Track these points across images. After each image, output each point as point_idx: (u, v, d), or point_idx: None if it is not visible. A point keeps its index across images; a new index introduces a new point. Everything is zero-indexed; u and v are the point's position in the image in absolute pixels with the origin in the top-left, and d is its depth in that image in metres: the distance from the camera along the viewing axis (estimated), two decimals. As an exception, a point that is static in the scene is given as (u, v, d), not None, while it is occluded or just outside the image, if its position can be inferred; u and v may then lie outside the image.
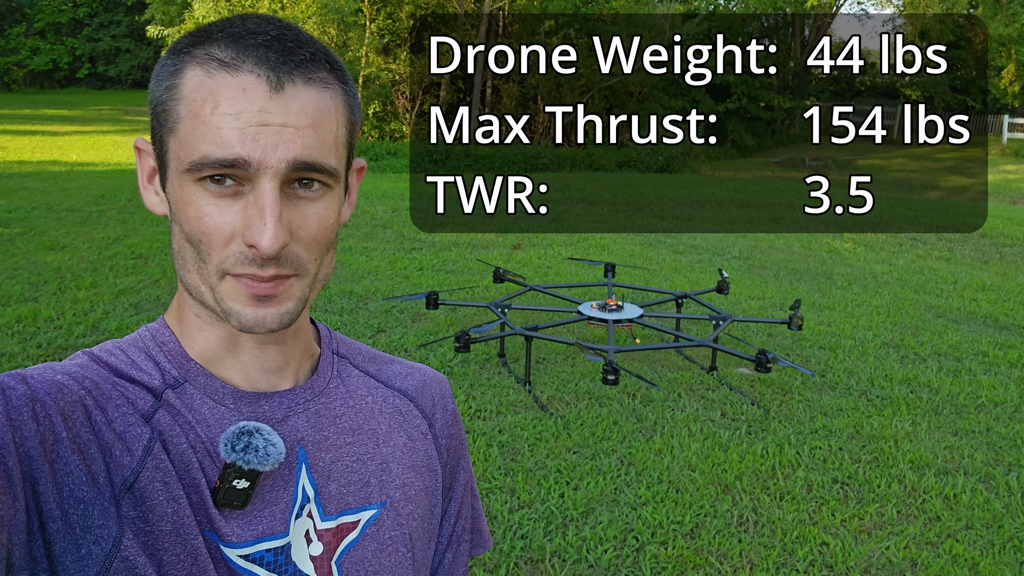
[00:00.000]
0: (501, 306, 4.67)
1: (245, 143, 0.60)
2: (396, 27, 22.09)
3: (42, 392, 0.59)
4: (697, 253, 8.15)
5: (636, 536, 2.96)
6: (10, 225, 7.39)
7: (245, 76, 0.61)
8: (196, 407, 0.68)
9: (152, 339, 0.71)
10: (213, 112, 0.61)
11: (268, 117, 0.61)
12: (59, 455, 0.58)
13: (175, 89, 0.63)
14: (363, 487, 0.75)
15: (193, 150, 0.61)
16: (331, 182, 0.66)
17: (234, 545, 0.66)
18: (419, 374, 0.87)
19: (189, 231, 0.63)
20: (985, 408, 4.33)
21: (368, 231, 8.27)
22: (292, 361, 0.74)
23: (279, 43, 0.63)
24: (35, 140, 16.43)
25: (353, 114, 0.69)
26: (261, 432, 0.66)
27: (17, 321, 4.77)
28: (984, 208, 12.67)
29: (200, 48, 0.63)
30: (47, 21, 34.89)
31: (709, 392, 4.36)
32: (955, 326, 5.87)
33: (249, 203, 0.62)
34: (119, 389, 0.65)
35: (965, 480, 3.49)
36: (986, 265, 8.46)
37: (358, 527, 0.74)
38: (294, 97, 0.62)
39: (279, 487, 0.70)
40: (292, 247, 0.64)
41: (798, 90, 27.60)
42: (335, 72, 0.67)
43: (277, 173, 0.61)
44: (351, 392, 0.79)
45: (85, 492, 0.58)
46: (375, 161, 17.49)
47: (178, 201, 0.64)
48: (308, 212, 0.65)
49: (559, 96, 23.02)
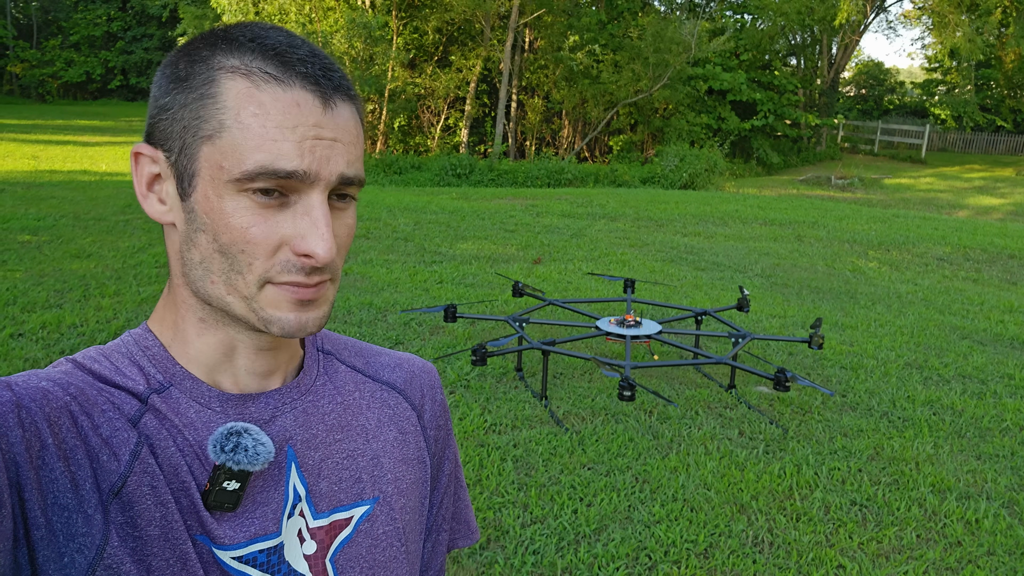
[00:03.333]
0: (519, 320, 4.67)
1: (303, 156, 0.62)
2: (422, 41, 22.30)
3: (27, 399, 0.59)
4: (719, 270, 8.09)
5: (649, 554, 2.93)
6: (38, 233, 7.51)
7: (298, 91, 0.62)
8: (182, 411, 0.68)
9: (136, 344, 0.70)
10: (267, 124, 0.61)
11: (322, 132, 0.63)
12: (44, 462, 0.58)
13: (214, 98, 0.63)
14: (355, 483, 0.76)
15: (244, 160, 0.61)
16: (357, 192, 0.69)
17: (227, 547, 0.66)
18: (407, 365, 0.87)
19: (228, 241, 0.63)
20: (1010, 432, 4.25)
21: (389, 244, 8.31)
22: (281, 363, 0.75)
23: (318, 60, 0.65)
24: (67, 150, 16.73)
25: (363, 126, 0.71)
26: (250, 432, 0.66)
27: (42, 327, 4.84)
28: (1012, 228, 12.48)
29: (233, 57, 0.63)
30: (82, 34, 35.60)
31: (727, 410, 4.31)
32: (980, 348, 5.77)
33: (299, 213, 0.63)
34: (104, 395, 0.64)
35: (988, 505, 3.42)
36: (1014, 287, 8.32)
37: (351, 524, 0.75)
38: (339, 114, 0.65)
39: (269, 487, 0.70)
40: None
41: (825, 108, 27.43)
42: (353, 90, 0.69)
43: (328, 185, 0.64)
44: (339, 388, 0.80)
45: (69, 500, 0.58)
46: (399, 175, 17.60)
47: (214, 211, 0.63)
48: (341, 221, 0.67)
49: (584, 111, 23.06)
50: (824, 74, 27.78)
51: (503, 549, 2.92)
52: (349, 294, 6.07)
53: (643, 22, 21.54)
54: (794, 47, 28.71)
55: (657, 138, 23.84)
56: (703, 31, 20.94)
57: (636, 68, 20.95)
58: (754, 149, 24.45)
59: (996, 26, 25.57)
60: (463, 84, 21.62)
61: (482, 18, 20.70)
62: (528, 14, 20.94)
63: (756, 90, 24.02)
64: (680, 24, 21.25)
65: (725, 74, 23.08)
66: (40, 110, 29.52)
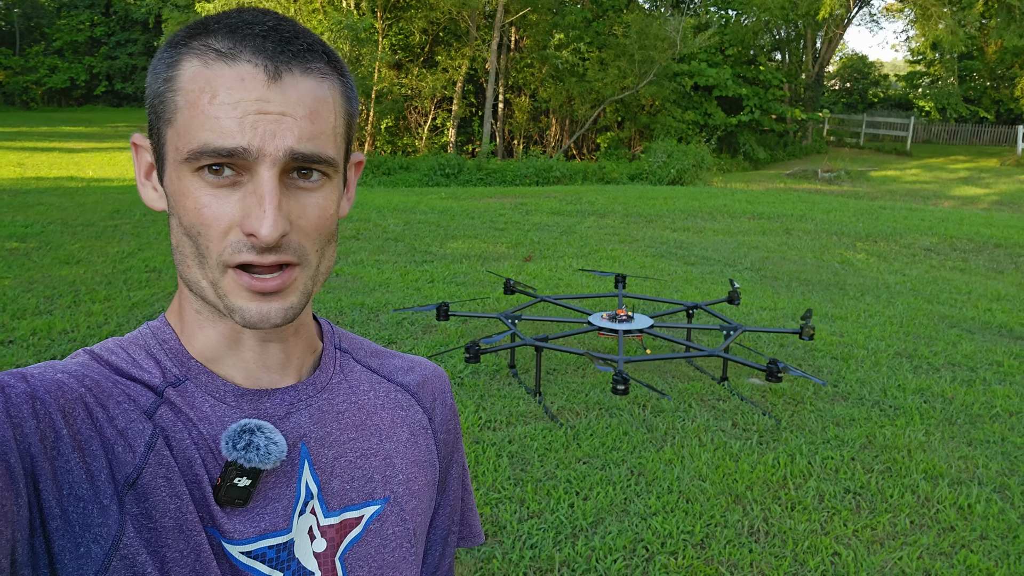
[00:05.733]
0: (511, 317, 4.68)
1: (244, 132, 0.60)
2: (408, 42, 22.27)
3: (42, 390, 0.59)
4: (709, 264, 8.13)
5: (646, 546, 2.95)
6: (26, 240, 7.47)
7: (243, 66, 0.61)
8: (198, 405, 0.68)
9: (153, 337, 0.71)
10: (211, 102, 0.60)
11: (266, 106, 0.61)
12: (60, 452, 0.58)
13: (172, 80, 0.63)
14: (367, 483, 0.75)
15: (191, 139, 0.61)
16: (330, 172, 0.65)
17: (236, 542, 0.66)
18: (420, 369, 0.87)
19: (188, 223, 0.63)
20: (1000, 418, 4.29)
21: (380, 244, 8.30)
22: (295, 358, 0.74)
23: (276, 33, 0.63)
24: (52, 157, 16.63)
25: (351, 105, 0.69)
26: (263, 430, 0.66)
27: (32, 334, 4.82)
28: (998, 218, 12.57)
29: (197, 40, 0.63)
30: (65, 40, 35.40)
31: (720, 402, 4.34)
32: (969, 336, 5.82)
33: (248, 192, 0.62)
34: (120, 387, 0.65)
35: (980, 490, 3.45)
36: (1001, 275, 8.39)
37: (361, 523, 0.74)
38: (292, 86, 0.62)
39: (281, 484, 0.70)
40: (293, 236, 0.64)
41: (810, 102, 27.55)
42: (332, 63, 0.66)
43: (275, 161, 0.61)
44: (354, 387, 0.79)
45: (84, 490, 0.58)
46: (387, 175, 17.57)
47: (176, 193, 0.64)
48: (308, 202, 0.64)
49: (571, 109, 23.08)
50: (809, 68, 27.90)
51: (501, 544, 2.93)
52: (341, 295, 6.06)
53: (628, 19, 21.57)
54: (779, 42, 28.81)
55: (644, 135, 23.90)
56: (688, 27, 20.99)
57: (622, 65, 21.00)
58: (741, 144, 24.54)
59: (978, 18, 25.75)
60: (450, 84, 21.61)
61: (468, 17, 20.69)
62: (513, 13, 20.95)
63: (742, 85, 24.08)
64: (665, 20, 21.30)
65: (710, 70, 23.14)
66: (25, 117, 29.33)
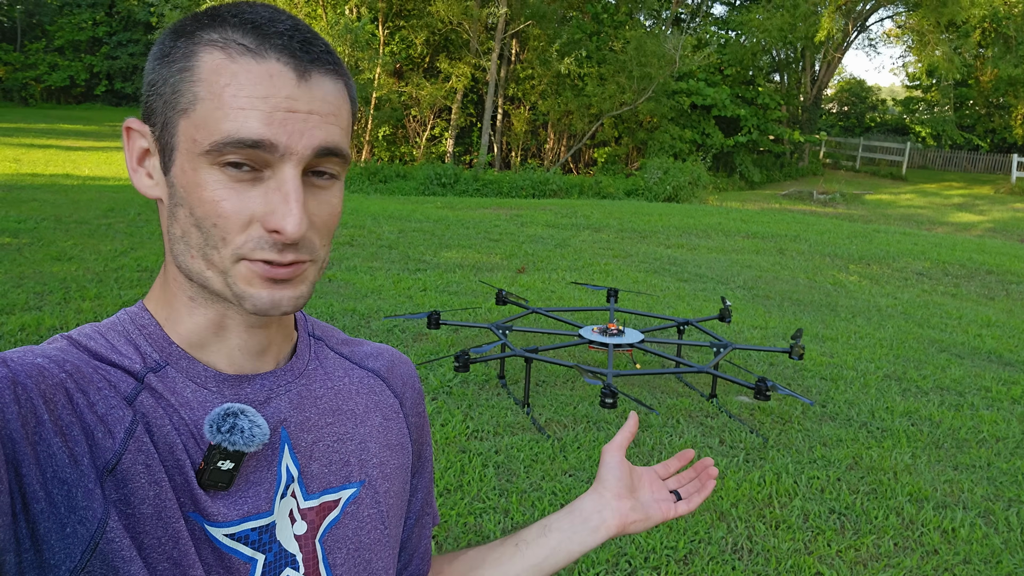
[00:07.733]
0: (502, 327, 4.67)
1: (272, 126, 0.61)
2: (410, 51, 22.34)
3: (23, 375, 0.58)
4: (701, 281, 8.14)
5: (629, 560, 2.94)
6: (19, 235, 7.44)
7: (271, 63, 0.62)
8: (179, 390, 0.68)
9: (132, 323, 0.71)
10: (237, 95, 0.61)
11: (295, 104, 0.62)
12: (41, 437, 0.57)
13: (191, 71, 0.63)
14: (343, 466, 0.77)
15: (213, 131, 0.61)
16: (342, 169, 0.68)
17: (220, 524, 0.66)
18: (387, 355, 0.89)
19: (201, 215, 0.63)
20: (987, 443, 4.30)
21: (374, 251, 8.30)
22: (274, 344, 0.75)
23: (299, 33, 0.64)
24: (49, 153, 16.60)
25: (355, 106, 0.71)
26: (246, 414, 0.66)
27: (21, 329, 4.80)
28: (990, 244, 12.64)
29: (214, 31, 0.63)
30: (66, 38, 35.37)
31: (708, 419, 4.34)
32: (958, 361, 5.84)
33: (271, 189, 0.62)
34: (100, 372, 0.64)
35: (964, 514, 3.45)
36: (992, 301, 8.43)
37: (339, 505, 0.76)
38: (317, 86, 0.64)
39: (263, 468, 0.70)
40: (308, 234, 0.65)
41: (808, 124, 27.71)
42: (341, 66, 0.69)
43: (302, 160, 0.62)
44: (329, 373, 0.81)
45: (68, 474, 0.58)
46: (384, 183, 17.58)
47: (190, 184, 0.64)
48: (322, 200, 0.66)
49: (569, 123, 23.16)
50: (807, 91, 28.08)
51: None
52: (332, 300, 6.05)
53: (627, 35, 21.69)
54: (778, 63, 29.02)
55: (641, 151, 23.98)
56: (687, 45, 21.12)
57: (621, 81, 21.09)
58: (737, 164, 24.65)
59: (975, 47, 25.99)
60: (450, 94, 21.67)
61: (469, 28, 20.78)
62: (516, 24, 21.04)
63: (740, 106, 24.21)
64: (664, 38, 21.42)
65: (709, 89, 23.27)
66: (23, 113, 29.27)
